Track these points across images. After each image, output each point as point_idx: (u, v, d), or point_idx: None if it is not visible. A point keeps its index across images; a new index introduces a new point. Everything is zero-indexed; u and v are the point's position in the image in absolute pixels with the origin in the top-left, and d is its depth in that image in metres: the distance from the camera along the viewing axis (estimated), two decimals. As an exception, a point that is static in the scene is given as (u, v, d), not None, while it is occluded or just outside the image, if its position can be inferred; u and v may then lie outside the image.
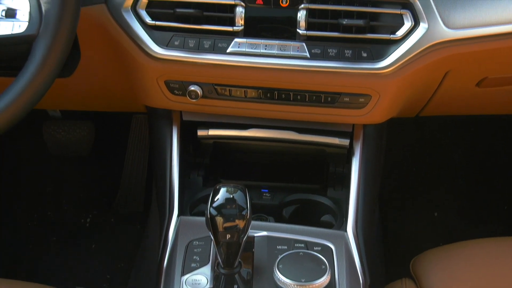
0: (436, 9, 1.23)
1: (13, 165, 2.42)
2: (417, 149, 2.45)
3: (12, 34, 1.02)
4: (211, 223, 1.04)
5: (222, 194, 1.05)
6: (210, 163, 1.53)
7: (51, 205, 2.33)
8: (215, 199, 1.04)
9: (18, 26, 1.02)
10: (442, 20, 1.23)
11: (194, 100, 1.34)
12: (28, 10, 1.02)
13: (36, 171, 2.41)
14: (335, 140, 1.45)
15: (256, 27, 1.27)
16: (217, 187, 1.07)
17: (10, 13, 1.03)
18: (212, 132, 1.48)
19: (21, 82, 1.00)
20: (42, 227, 2.29)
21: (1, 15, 1.03)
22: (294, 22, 1.25)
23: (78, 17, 1.05)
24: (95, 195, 2.36)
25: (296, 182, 1.52)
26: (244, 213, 1.04)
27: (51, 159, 2.39)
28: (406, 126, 2.28)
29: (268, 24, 1.27)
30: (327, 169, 1.51)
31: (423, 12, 1.22)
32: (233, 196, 1.05)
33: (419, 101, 1.52)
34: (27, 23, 1.02)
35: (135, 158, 2.31)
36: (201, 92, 1.34)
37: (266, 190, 1.47)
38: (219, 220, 1.03)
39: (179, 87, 1.35)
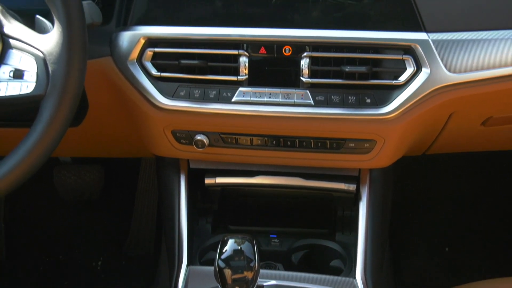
0: (438, 53, 1.23)
1: (24, 210, 2.43)
2: (427, 183, 2.44)
3: (20, 94, 1.04)
4: (220, 275, 1.04)
5: (230, 245, 1.05)
6: (218, 210, 1.54)
7: (63, 249, 2.34)
8: (223, 251, 1.05)
9: (26, 86, 1.04)
10: (444, 64, 1.23)
11: (200, 149, 1.35)
12: (36, 71, 1.04)
13: (47, 215, 2.42)
14: (342, 185, 1.45)
15: (260, 76, 1.28)
16: (225, 238, 1.07)
17: (18, 74, 1.04)
18: (220, 180, 1.48)
19: (29, 141, 1.02)
20: (54, 271, 2.29)
21: (9, 76, 1.04)
22: (298, 70, 1.26)
23: (84, 76, 1.06)
24: (105, 238, 2.37)
25: (304, 227, 1.52)
26: (252, 264, 1.04)
27: (61, 203, 2.40)
28: (415, 161, 2.28)
29: (272, 73, 1.28)
30: (335, 213, 1.51)
31: (424, 57, 1.23)
32: (241, 248, 1.05)
33: (425, 141, 1.52)
34: (34, 84, 1.03)
35: (144, 201, 2.32)
36: (208, 141, 1.35)
37: (275, 236, 1.47)
38: (228, 272, 1.03)
39: (185, 137, 1.36)
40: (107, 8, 1.31)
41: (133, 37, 1.28)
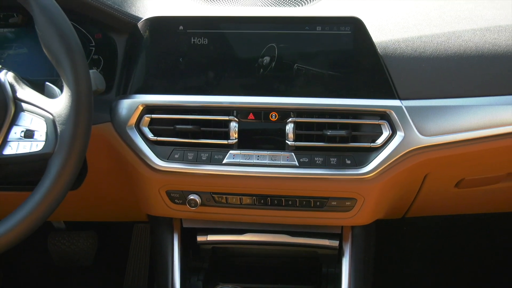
0: (411, 119, 1.33)
1: (19, 276, 2.45)
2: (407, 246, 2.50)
3: (30, 152, 1.12)
4: None
5: None
6: (209, 268, 1.59)
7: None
8: None
9: (36, 145, 1.12)
10: (416, 128, 1.33)
11: (193, 208, 1.43)
12: (45, 131, 1.12)
13: (41, 282, 2.44)
14: (325, 242, 1.52)
15: (248, 140, 1.37)
16: None
17: (29, 134, 1.13)
18: (211, 237, 1.55)
19: (37, 195, 1.09)
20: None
21: (21, 136, 1.13)
22: (283, 134, 1.36)
23: (90, 137, 1.15)
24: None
25: (291, 284, 1.57)
26: None
27: (55, 269, 2.43)
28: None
29: (260, 137, 1.37)
30: (320, 270, 1.57)
31: (399, 122, 1.33)
32: None
33: (403, 202, 1.60)
34: (43, 142, 1.12)
35: (136, 266, 2.36)
36: (200, 200, 1.42)
37: None
38: None
39: (179, 197, 1.44)
40: (108, 79, 1.41)
41: (132, 104, 1.38)
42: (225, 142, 1.37)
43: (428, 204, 1.66)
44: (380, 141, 1.34)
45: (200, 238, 1.55)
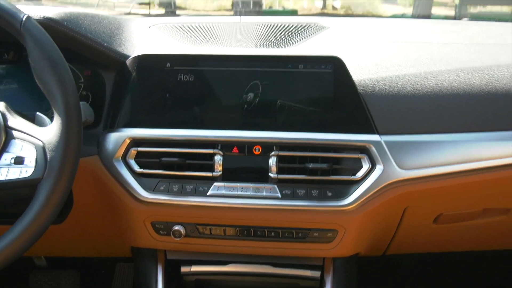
0: (390, 153, 1.39)
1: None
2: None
3: (19, 178, 1.14)
4: None
5: None
6: None
7: None
8: None
9: (26, 171, 1.15)
10: (395, 162, 1.39)
11: (178, 239, 1.45)
12: (35, 157, 1.15)
13: None
14: (307, 273, 1.55)
15: (232, 172, 1.41)
16: None
17: (19, 160, 1.16)
18: (195, 268, 1.57)
19: (27, 217, 1.11)
20: None
21: (11, 162, 1.16)
22: (266, 167, 1.40)
23: (78, 164, 1.18)
24: None
25: None
26: None
27: None
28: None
29: (243, 169, 1.41)
30: None
31: (378, 156, 1.38)
32: None
33: (383, 238, 1.63)
34: (33, 168, 1.14)
35: None
36: (184, 231, 1.45)
37: None
38: None
39: (164, 228, 1.46)
40: (96, 114, 1.44)
41: (119, 137, 1.42)
42: (209, 174, 1.41)
43: (408, 240, 1.69)
44: (360, 174, 1.39)
45: (184, 269, 1.57)
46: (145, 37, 1.62)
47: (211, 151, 1.41)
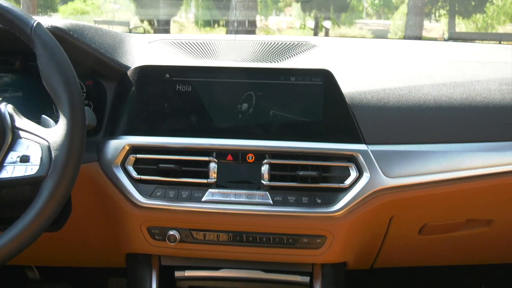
0: (376, 162, 1.48)
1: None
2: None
3: (24, 175, 1.21)
4: None
5: None
6: None
7: None
8: None
9: (31, 169, 1.21)
10: (381, 170, 1.48)
11: (172, 244, 1.52)
12: (40, 156, 1.23)
13: None
14: (297, 278, 1.62)
15: (227, 179, 1.49)
16: None
17: (24, 159, 1.23)
18: (188, 273, 1.64)
19: (30, 213, 1.18)
20: None
21: (17, 160, 1.23)
22: (259, 175, 1.48)
23: (81, 163, 1.26)
24: None
25: None
26: None
27: None
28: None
29: (237, 176, 1.49)
30: None
31: (365, 164, 1.47)
32: None
33: (371, 247, 1.71)
34: (38, 167, 1.21)
35: None
36: (179, 236, 1.52)
37: None
38: None
39: (159, 233, 1.54)
40: (97, 122, 1.53)
41: (119, 145, 1.50)
42: (204, 181, 1.49)
43: (395, 252, 1.76)
44: (348, 182, 1.47)
45: (178, 274, 1.63)
46: (145, 51, 1.71)
47: (206, 158, 1.49)
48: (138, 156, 1.50)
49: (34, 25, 1.25)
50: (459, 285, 2.53)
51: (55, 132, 1.25)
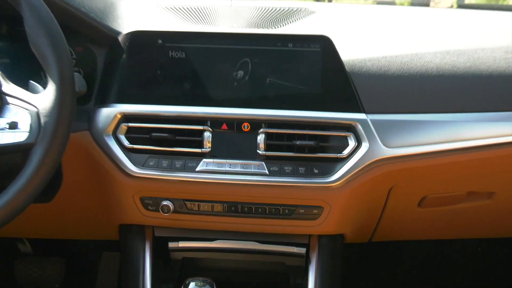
0: (375, 131, 1.44)
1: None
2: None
3: (14, 142, 1.18)
4: None
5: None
6: (179, 279, 1.65)
7: None
8: None
9: (20, 135, 1.18)
10: (381, 140, 1.44)
11: (166, 215, 1.50)
12: (29, 122, 1.19)
13: None
14: (293, 249, 1.60)
15: (221, 149, 1.46)
16: (187, 281, 1.20)
17: (13, 125, 1.19)
18: (182, 244, 1.61)
19: (20, 181, 1.15)
20: None
21: (5, 127, 1.20)
22: (255, 144, 1.45)
23: (71, 130, 1.22)
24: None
25: None
26: None
27: None
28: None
29: (232, 146, 1.46)
30: (287, 283, 1.64)
31: (364, 134, 1.44)
32: None
33: (369, 220, 1.68)
34: (27, 133, 1.18)
35: None
36: (173, 206, 1.49)
37: None
38: None
39: (152, 203, 1.51)
40: (87, 90, 1.49)
41: (110, 113, 1.46)
42: (198, 150, 1.45)
43: (394, 225, 1.74)
44: (346, 152, 1.44)
45: (171, 245, 1.61)
46: (137, 16, 1.66)
47: (200, 127, 1.45)
48: (130, 124, 1.46)
49: None
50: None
51: (44, 98, 1.21)
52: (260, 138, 1.44)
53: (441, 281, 2.48)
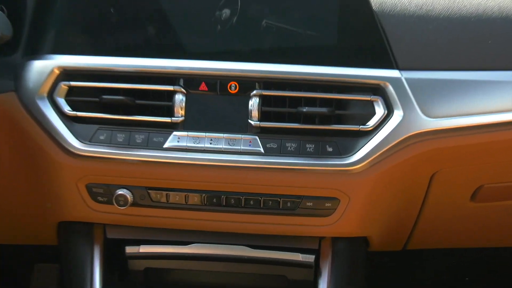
0: (412, 94, 1.43)
1: None
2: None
3: None
4: None
5: None
6: None
7: None
8: None
9: None
10: (419, 107, 1.43)
11: (122, 208, 1.48)
12: None
13: None
14: (297, 257, 1.59)
15: (199, 118, 1.45)
16: None
17: None
18: (144, 249, 1.60)
19: None
20: None
21: None
22: (246, 112, 1.44)
23: None
24: None
25: None
26: None
27: None
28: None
29: (214, 114, 1.45)
30: None
31: (397, 98, 1.42)
32: None
33: (403, 220, 1.67)
34: None
35: None
36: (132, 197, 1.48)
37: None
38: None
39: (104, 192, 1.50)
40: (14, 34, 1.47)
41: (45, 67, 1.44)
42: (167, 120, 1.44)
43: (437, 226, 1.73)
44: (372, 123, 1.43)
45: (129, 250, 1.59)
46: None
47: (170, 88, 1.44)
48: (73, 83, 1.45)
49: None
50: None
51: None
52: (253, 103, 1.43)
53: None
